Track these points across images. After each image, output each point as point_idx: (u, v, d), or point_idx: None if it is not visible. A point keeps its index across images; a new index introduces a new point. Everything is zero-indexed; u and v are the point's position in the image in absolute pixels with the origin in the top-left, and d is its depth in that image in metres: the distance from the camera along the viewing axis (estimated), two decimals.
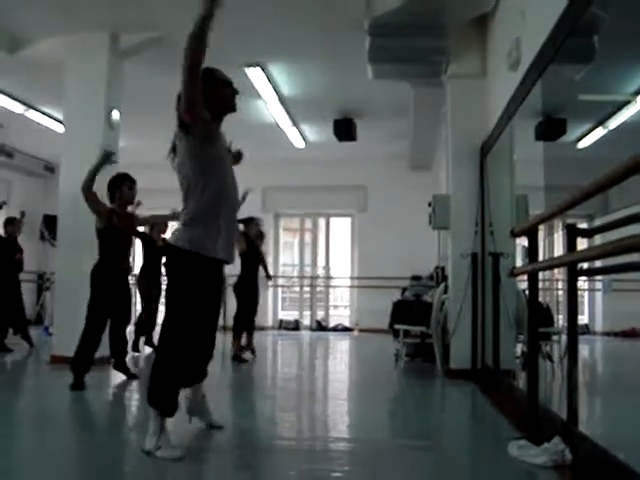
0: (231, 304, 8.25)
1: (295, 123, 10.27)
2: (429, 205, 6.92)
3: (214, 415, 3.98)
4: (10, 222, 8.65)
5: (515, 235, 4.29)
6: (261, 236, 8.09)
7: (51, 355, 6.95)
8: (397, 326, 7.02)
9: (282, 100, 9.12)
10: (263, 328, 12.73)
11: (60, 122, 8.90)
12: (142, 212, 7.34)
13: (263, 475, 3.25)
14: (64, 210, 7.10)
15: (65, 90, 7.20)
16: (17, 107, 9.46)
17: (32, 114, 9.81)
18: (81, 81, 7.11)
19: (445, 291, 6.83)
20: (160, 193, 12.84)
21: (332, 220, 14.10)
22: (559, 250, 8.09)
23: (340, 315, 14.64)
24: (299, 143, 11.39)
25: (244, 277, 7.65)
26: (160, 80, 8.15)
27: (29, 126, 10.30)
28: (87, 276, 5.65)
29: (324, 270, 14.04)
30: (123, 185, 5.75)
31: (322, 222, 14.07)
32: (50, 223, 11.52)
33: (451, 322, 6.52)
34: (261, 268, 8.09)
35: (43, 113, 9.90)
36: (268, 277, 8.33)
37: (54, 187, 8.54)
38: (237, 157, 4.21)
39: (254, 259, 7.81)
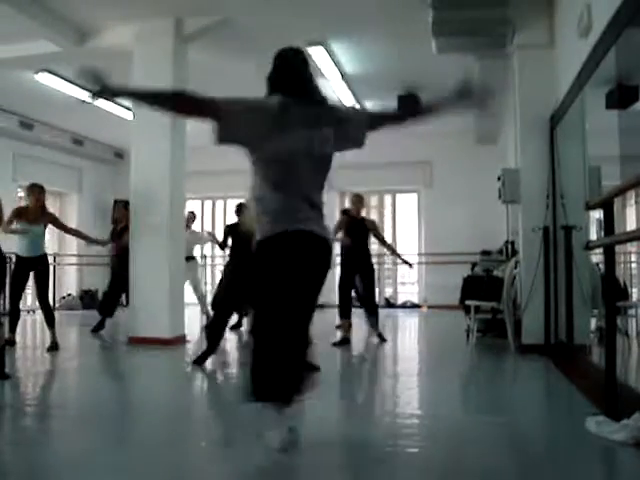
0: None
1: (359, 100, 10.20)
2: (498, 179, 6.81)
3: None
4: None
5: (590, 208, 4.20)
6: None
7: (128, 336, 7.19)
8: (468, 302, 6.95)
9: (345, 78, 9.07)
10: (331, 306, 12.76)
11: (128, 109, 9.08)
12: None
13: (335, 450, 3.27)
14: (136, 195, 7.30)
15: (132, 77, 7.30)
16: (86, 96, 9.67)
17: (101, 102, 10.02)
18: (148, 67, 7.22)
19: (516, 266, 6.72)
20: (226, 175, 13.11)
21: (398, 196, 13.99)
22: (631, 223, 7.86)
23: (408, 292, 14.59)
24: None
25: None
26: (224, 63, 8.27)
27: (98, 114, 10.54)
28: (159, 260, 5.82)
29: None
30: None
31: (388, 199, 14.00)
32: None
33: (523, 297, 6.42)
34: None
35: (112, 101, 10.11)
36: None
37: (124, 173, 8.73)
38: None
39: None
